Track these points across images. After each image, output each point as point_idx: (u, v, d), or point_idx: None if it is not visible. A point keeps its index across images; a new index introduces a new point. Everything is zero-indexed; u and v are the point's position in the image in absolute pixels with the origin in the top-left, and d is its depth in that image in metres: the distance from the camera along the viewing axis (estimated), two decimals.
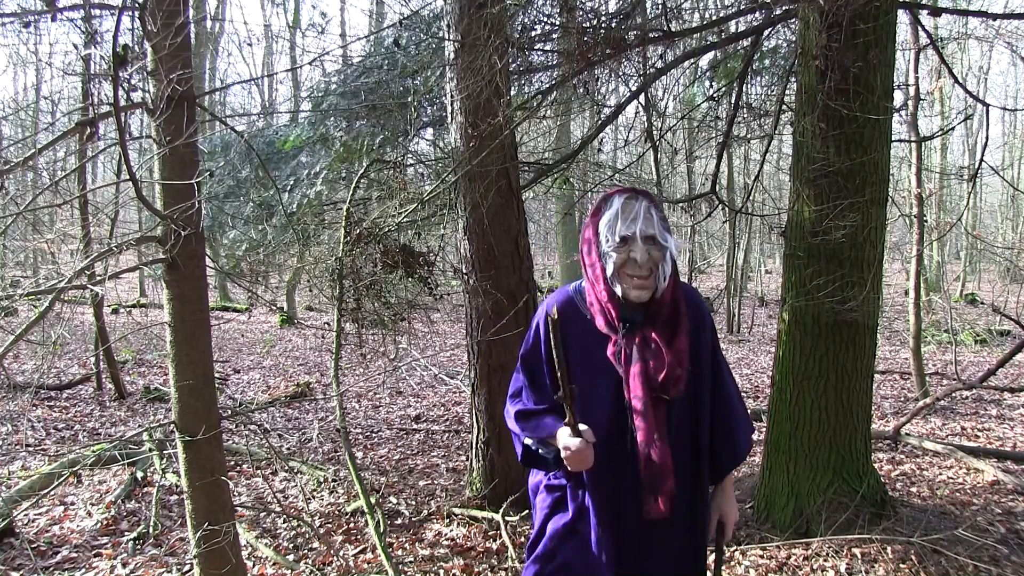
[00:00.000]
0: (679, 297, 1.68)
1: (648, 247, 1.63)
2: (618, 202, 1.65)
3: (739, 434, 1.82)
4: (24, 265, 14.47)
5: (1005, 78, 36.74)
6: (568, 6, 4.13)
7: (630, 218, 1.63)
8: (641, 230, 1.62)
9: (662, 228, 1.65)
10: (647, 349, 1.64)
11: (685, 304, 1.70)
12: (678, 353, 1.64)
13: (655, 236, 1.63)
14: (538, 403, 1.79)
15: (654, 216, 1.64)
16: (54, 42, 23.34)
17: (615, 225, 1.63)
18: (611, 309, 1.67)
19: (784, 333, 3.64)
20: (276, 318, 13.32)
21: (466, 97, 3.50)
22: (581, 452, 1.58)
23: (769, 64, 4.84)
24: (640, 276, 1.63)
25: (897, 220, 7.74)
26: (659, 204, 1.69)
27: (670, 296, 1.67)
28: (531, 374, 1.82)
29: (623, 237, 1.62)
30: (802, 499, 3.52)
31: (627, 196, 1.66)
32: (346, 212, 3.81)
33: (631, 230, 1.62)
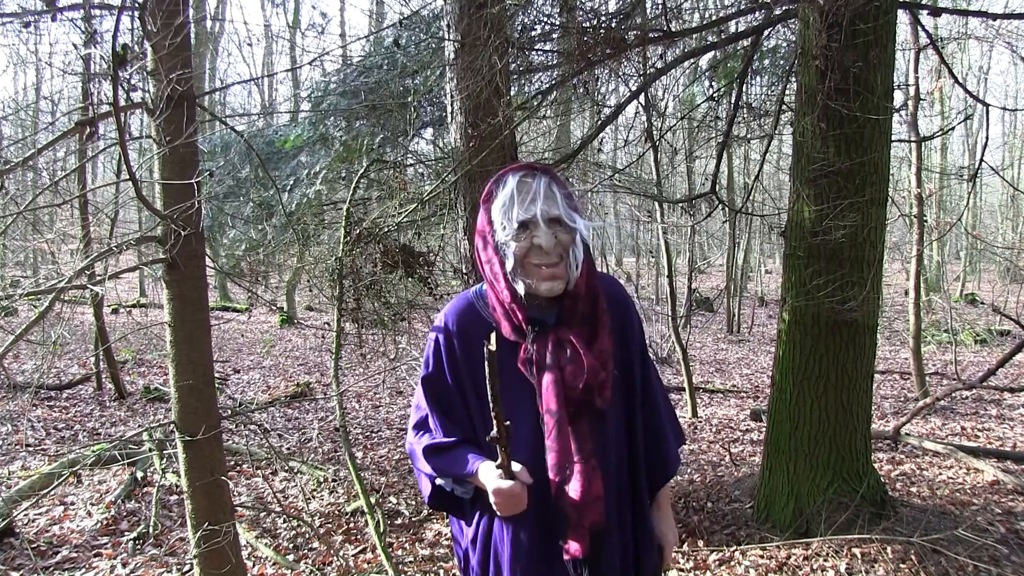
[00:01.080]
0: (597, 289, 1.43)
1: (554, 230, 1.37)
2: (512, 181, 1.38)
3: (670, 446, 1.57)
4: (24, 265, 14.47)
5: (1005, 78, 36.79)
6: (568, 6, 4.13)
7: (528, 198, 1.36)
8: (543, 211, 1.36)
9: (568, 207, 1.39)
10: (562, 353, 1.37)
11: (605, 298, 1.44)
12: (600, 355, 1.37)
13: (560, 217, 1.37)
14: (448, 434, 1.48)
15: (557, 194, 1.39)
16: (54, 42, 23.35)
17: (511, 209, 1.37)
18: (516, 311, 1.39)
19: (784, 333, 3.64)
20: (276, 318, 13.32)
21: (466, 97, 3.50)
22: (515, 496, 1.32)
23: (769, 64, 4.84)
24: (548, 264, 1.37)
25: (897, 220, 7.73)
26: (562, 180, 1.43)
27: (585, 288, 1.40)
28: (437, 401, 1.50)
29: (522, 222, 1.36)
30: (802, 499, 3.52)
31: (523, 174, 1.40)
32: (346, 212, 3.81)
33: (531, 212, 1.35)
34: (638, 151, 6.59)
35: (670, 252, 7.60)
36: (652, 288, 15.61)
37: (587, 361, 1.35)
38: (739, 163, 14.02)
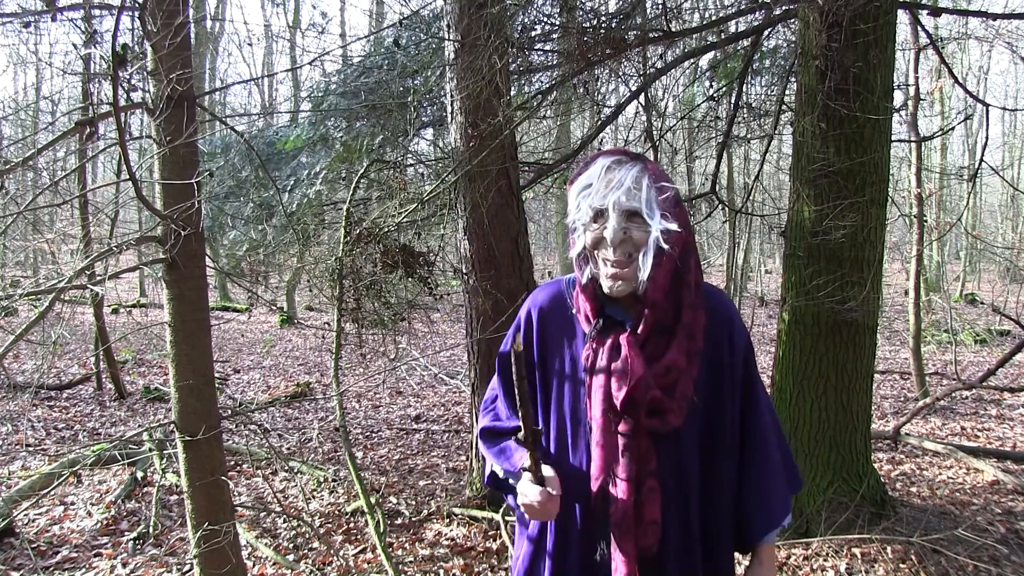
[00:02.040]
0: (684, 301, 1.28)
1: (627, 224, 1.25)
2: (599, 165, 1.28)
3: (777, 493, 1.37)
4: (24, 265, 14.47)
5: (1005, 78, 36.78)
6: (568, 6, 4.13)
7: (611, 186, 1.25)
8: (619, 201, 1.23)
9: (655, 204, 1.25)
10: (615, 358, 1.27)
11: (703, 313, 1.30)
12: (666, 371, 1.26)
13: (639, 211, 1.24)
14: (511, 418, 1.46)
15: (644, 187, 1.25)
16: (54, 42, 23.35)
17: (589, 194, 1.27)
18: (586, 301, 1.33)
19: (784, 333, 3.64)
20: (276, 318, 13.32)
21: (466, 97, 3.50)
22: (542, 505, 1.26)
23: (769, 64, 4.84)
24: (614, 260, 1.26)
25: (897, 220, 7.74)
26: (661, 174, 1.29)
27: (664, 296, 1.27)
28: (507, 381, 1.48)
29: (597, 210, 1.26)
30: (802, 499, 3.52)
31: (615, 159, 1.28)
32: (346, 212, 3.81)
33: (607, 201, 1.24)
34: (638, 151, 6.58)
35: None
36: None
37: (636, 372, 1.24)
38: (739, 163, 14.02)
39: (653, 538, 1.27)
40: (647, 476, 1.27)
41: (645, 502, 1.26)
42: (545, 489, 1.26)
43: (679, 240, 1.26)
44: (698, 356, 1.29)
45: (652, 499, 1.26)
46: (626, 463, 1.26)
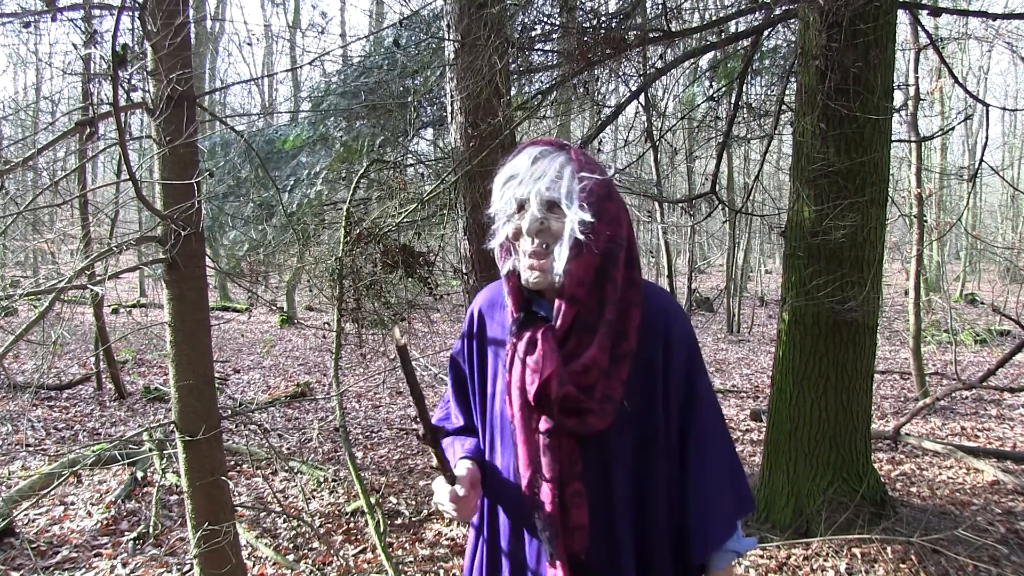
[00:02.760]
0: (608, 297, 1.20)
1: (547, 215, 1.19)
2: (527, 154, 1.23)
3: (711, 509, 1.24)
4: (24, 265, 14.47)
5: (1005, 78, 36.78)
6: (568, 6, 4.13)
7: (534, 176, 1.20)
8: (540, 191, 1.18)
9: (575, 195, 1.19)
10: (531, 352, 1.21)
11: (637, 312, 1.23)
12: (584, 369, 1.18)
13: (558, 201, 1.18)
14: (456, 416, 1.45)
15: (566, 177, 1.19)
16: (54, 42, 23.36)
17: (513, 184, 1.22)
18: (510, 295, 1.27)
19: (784, 333, 3.64)
20: (276, 318, 13.32)
21: (466, 97, 3.50)
22: (452, 502, 1.24)
23: (769, 64, 4.85)
24: (530, 252, 1.21)
25: (897, 220, 7.74)
26: (591, 166, 1.22)
27: (588, 292, 1.20)
28: (455, 380, 1.44)
29: (520, 200, 1.21)
30: (802, 499, 3.52)
31: (541, 149, 1.23)
32: (346, 212, 3.81)
33: (526, 191, 1.19)
34: (638, 151, 6.59)
35: (670, 252, 7.60)
36: None
37: (547, 368, 1.18)
38: (739, 163, 14.02)
39: (581, 543, 1.21)
40: (572, 479, 1.21)
41: (571, 506, 1.21)
42: (452, 489, 1.23)
43: (602, 233, 1.19)
44: (628, 357, 1.21)
45: (578, 503, 1.21)
46: (548, 463, 1.21)
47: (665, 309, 1.27)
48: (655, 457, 1.24)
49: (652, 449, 1.24)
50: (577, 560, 1.21)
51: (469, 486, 1.25)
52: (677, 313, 1.28)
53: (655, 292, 1.30)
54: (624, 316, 1.22)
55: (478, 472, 1.30)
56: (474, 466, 1.30)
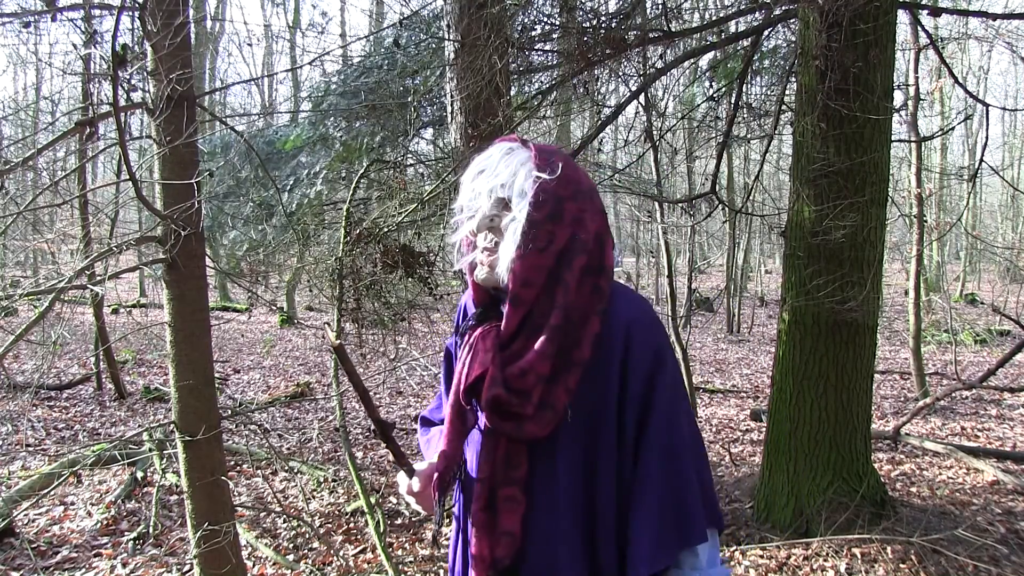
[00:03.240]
0: (556, 302, 1.14)
1: (497, 212, 1.18)
2: (497, 149, 1.21)
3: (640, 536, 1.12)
4: (24, 265, 14.47)
5: (1005, 78, 36.75)
6: (568, 6, 4.13)
7: (488, 170, 1.19)
8: (492, 187, 1.17)
9: (528, 194, 1.15)
10: (471, 349, 1.21)
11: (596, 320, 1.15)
12: (520, 373, 1.13)
13: (509, 200, 1.16)
14: (442, 409, 1.43)
15: (523, 175, 1.16)
16: (54, 42, 23.36)
17: (478, 179, 1.21)
18: (472, 289, 1.27)
19: (784, 333, 3.64)
20: (276, 318, 13.32)
21: (466, 97, 3.50)
22: (411, 495, 1.27)
23: (769, 64, 4.85)
24: (480, 248, 1.21)
25: (897, 220, 7.74)
26: (551, 165, 1.17)
27: (537, 294, 1.15)
28: (446, 373, 1.43)
29: (474, 194, 1.21)
30: (802, 499, 3.52)
31: (509, 146, 1.21)
32: (346, 212, 3.81)
33: (481, 186, 1.19)
34: (638, 151, 6.59)
35: (670, 252, 7.60)
36: (652, 288, 15.61)
37: (476, 366, 1.16)
38: (739, 163, 14.02)
39: (506, 550, 1.16)
40: (508, 483, 1.17)
41: (501, 510, 1.16)
42: (409, 483, 1.26)
43: (556, 234, 1.14)
44: (579, 365, 1.14)
45: (509, 508, 1.16)
46: (478, 462, 1.19)
47: (631, 320, 1.17)
48: (605, 472, 1.16)
49: (601, 463, 1.16)
50: (501, 565, 1.16)
51: (426, 481, 1.25)
52: (646, 324, 1.18)
53: (626, 301, 1.20)
54: (581, 323, 1.15)
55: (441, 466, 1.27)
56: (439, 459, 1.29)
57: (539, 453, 1.17)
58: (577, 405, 1.15)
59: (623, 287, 1.23)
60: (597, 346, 1.15)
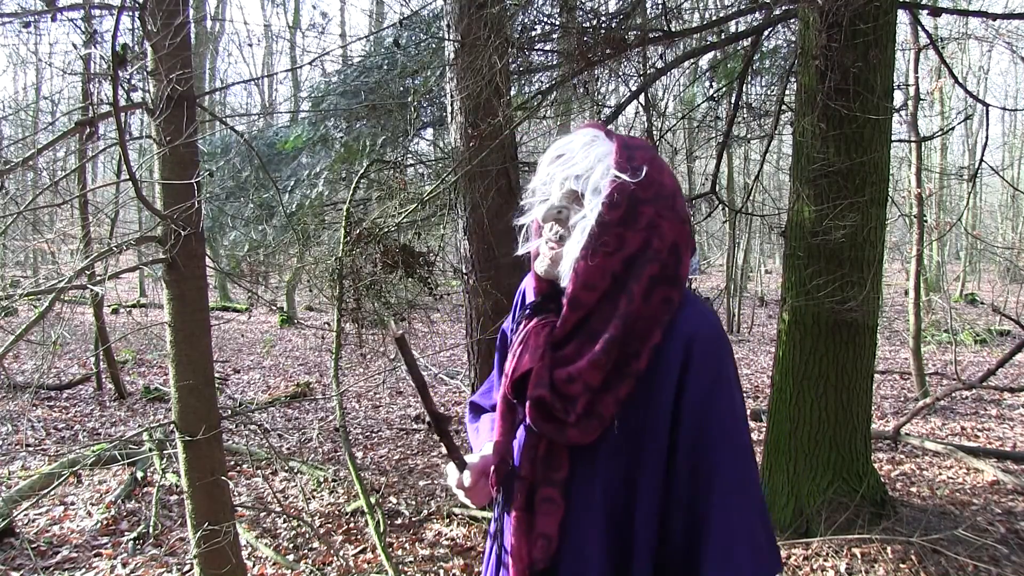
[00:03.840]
0: (619, 310, 1.06)
1: (566, 205, 1.12)
2: (581, 136, 1.13)
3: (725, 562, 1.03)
4: (24, 265, 14.47)
5: (1005, 78, 36.71)
6: (568, 6, 4.13)
7: (566, 157, 1.12)
8: (566, 176, 1.11)
9: (603, 191, 1.07)
10: (522, 341, 1.14)
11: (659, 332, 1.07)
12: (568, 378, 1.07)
13: (581, 194, 1.10)
14: (493, 394, 1.38)
15: (598, 171, 1.09)
16: (54, 42, 23.34)
17: (555, 163, 1.14)
18: (533, 276, 1.22)
19: (784, 333, 3.64)
20: (276, 318, 13.32)
21: (466, 97, 3.50)
22: (467, 492, 1.18)
23: (769, 64, 4.85)
24: (545, 239, 1.15)
25: (897, 220, 7.74)
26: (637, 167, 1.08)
27: (598, 299, 1.08)
28: (501, 357, 1.35)
29: (548, 179, 1.15)
30: (802, 499, 3.52)
31: (594, 135, 1.13)
32: (346, 212, 3.81)
33: (556, 173, 1.12)
34: None
35: None
36: None
37: (524, 364, 1.10)
38: (739, 163, 14.02)
39: (541, 552, 1.11)
40: (547, 483, 1.12)
41: (538, 511, 1.12)
42: (460, 476, 1.17)
43: (628, 239, 1.07)
44: (633, 377, 1.07)
45: (546, 510, 1.11)
46: (519, 459, 1.14)
47: (694, 334, 1.08)
48: (647, 489, 1.09)
49: (643, 480, 1.09)
50: (537, 568, 1.11)
51: (477, 474, 1.17)
52: (709, 340, 1.08)
53: (692, 314, 1.10)
54: (643, 335, 1.07)
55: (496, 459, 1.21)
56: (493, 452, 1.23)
57: (580, 458, 1.12)
58: (625, 416, 1.08)
59: (693, 298, 1.14)
60: (654, 357, 1.07)
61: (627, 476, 1.09)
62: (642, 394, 1.08)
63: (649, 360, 1.07)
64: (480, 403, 1.43)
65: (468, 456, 1.22)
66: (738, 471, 1.06)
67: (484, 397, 1.43)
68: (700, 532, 1.05)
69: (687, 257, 1.12)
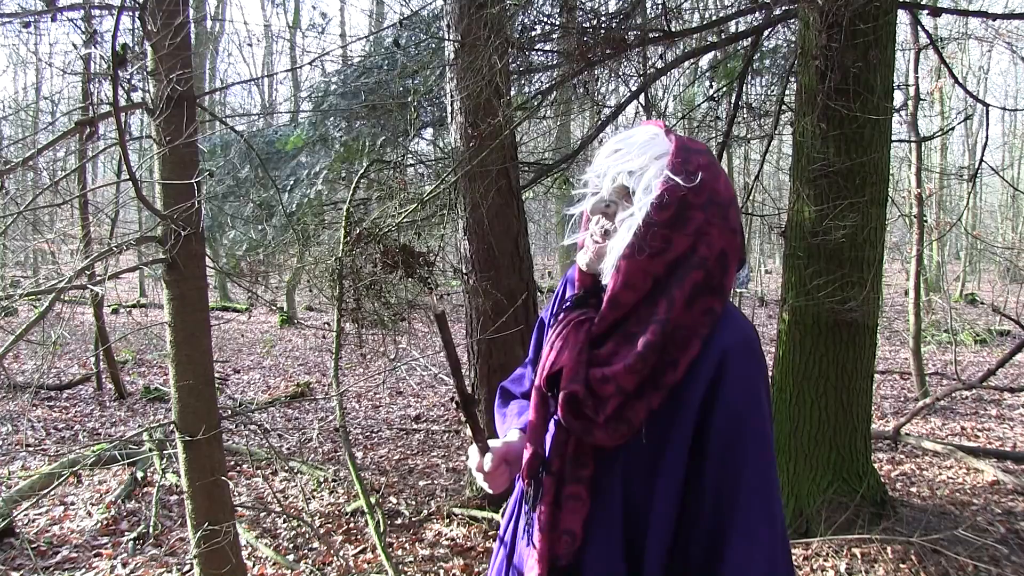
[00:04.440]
0: (658, 315, 1.05)
1: (616, 200, 1.11)
2: (641, 132, 1.13)
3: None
4: (24, 265, 14.46)
5: (1005, 78, 36.66)
6: (568, 6, 4.13)
7: (623, 152, 1.11)
8: (619, 172, 1.10)
9: (653, 191, 1.06)
10: (560, 336, 1.13)
11: (698, 343, 1.05)
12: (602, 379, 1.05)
13: (632, 191, 1.08)
14: (526, 382, 1.38)
15: (652, 170, 1.07)
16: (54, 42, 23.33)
17: (603, 153, 1.14)
18: (578, 269, 1.20)
19: (784, 333, 3.64)
20: (276, 318, 13.32)
21: (466, 97, 3.50)
22: (486, 476, 1.17)
23: (769, 64, 4.85)
24: (590, 232, 1.14)
25: (897, 220, 7.74)
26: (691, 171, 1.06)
27: (638, 300, 1.07)
28: (536, 345, 1.36)
29: (603, 172, 1.13)
30: (802, 499, 3.52)
31: (654, 133, 1.12)
32: (346, 212, 3.81)
33: (610, 167, 1.11)
34: None
35: None
36: None
37: (560, 359, 1.09)
38: (739, 163, 14.01)
39: (565, 548, 1.10)
40: (574, 480, 1.10)
41: (564, 507, 1.10)
42: (480, 460, 1.16)
43: (675, 242, 1.05)
44: (667, 388, 1.05)
45: (572, 507, 1.10)
46: (551, 454, 1.13)
47: (729, 347, 1.05)
48: (662, 499, 1.07)
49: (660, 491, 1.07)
50: (560, 564, 1.10)
51: (499, 460, 1.16)
52: (744, 355, 1.05)
53: (731, 327, 1.08)
54: (682, 345, 1.04)
55: (521, 447, 1.19)
56: (520, 439, 1.21)
57: (604, 458, 1.10)
58: (652, 425, 1.07)
59: (733, 308, 1.12)
60: (689, 371, 1.05)
61: (647, 484, 1.08)
62: (672, 406, 1.06)
63: (684, 373, 1.05)
64: (511, 389, 1.42)
65: (492, 441, 1.21)
66: (763, 499, 1.03)
67: (515, 384, 1.42)
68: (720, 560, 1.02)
69: (733, 268, 1.10)
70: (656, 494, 1.07)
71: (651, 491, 1.07)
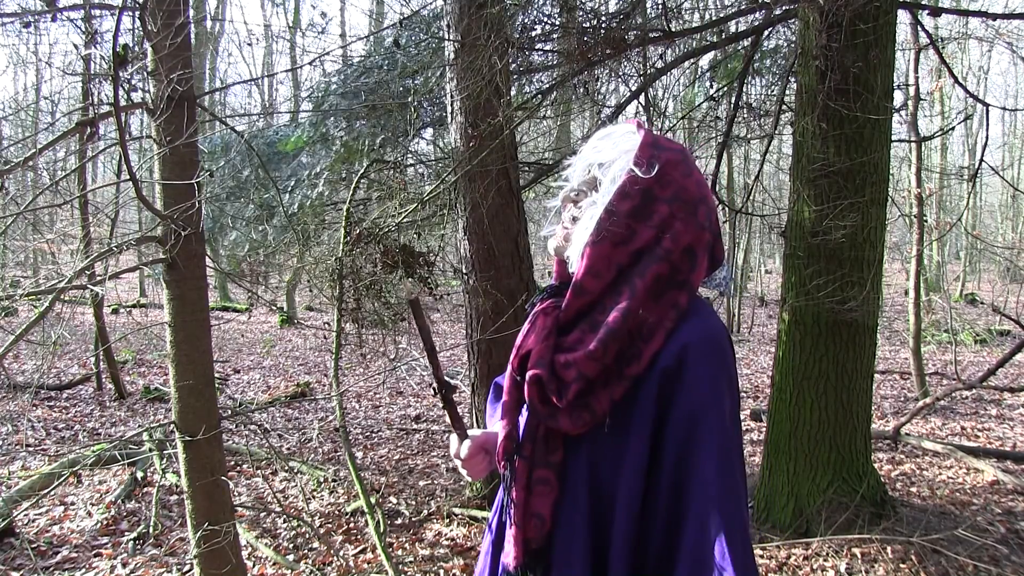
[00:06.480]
0: (619, 303, 1.06)
1: (584, 188, 1.16)
2: (621, 130, 1.19)
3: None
4: (24, 265, 14.47)
5: (1005, 78, 36.71)
6: (568, 6, 4.13)
7: (594, 148, 1.17)
8: (591, 163, 1.16)
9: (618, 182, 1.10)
10: (531, 321, 1.17)
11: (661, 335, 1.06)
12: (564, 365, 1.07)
13: (599, 181, 1.14)
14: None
15: (618, 163, 1.12)
16: (54, 42, 23.34)
17: (587, 147, 1.19)
18: (555, 261, 1.24)
19: (784, 333, 3.64)
20: (276, 318, 13.32)
21: (466, 97, 3.51)
22: (464, 463, 1.24)
23: (769, 64, 4.85)
24: (561, 220, 1.19)
25: (897, 220, 7.75)
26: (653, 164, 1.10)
27: (602, 288, 1.09)
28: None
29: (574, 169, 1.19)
30: (802, 499, 3.52)
31: (631, 128, 1.18)
32: (346, 212, 3.81)
33: (579, 161, 1.19)
34: None
35: None
36: None
37: (527, 344, 1.12)
38: (739, 163, 14.01)
39: (535, 532, 1.12)
40: (543, 465, 1.12)
41: (533, 491, 1.12)
42: (459, 447, 1.23)
43: (639, 232, 1.08)
44: (630, 379, 1.06)
45: (541, 491, 1.12)
46: (524, 438, 1.15)
47: (689, 343, 1.05)
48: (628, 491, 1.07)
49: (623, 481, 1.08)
50: (531, 547, 1.12)
51: (476, 447, 1.23)
52: (704, 352, 1.05)
53: (696, 323, 1.08)
54: (647, 336, 1.06)
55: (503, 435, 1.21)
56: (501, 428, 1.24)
57: (572, 446, 1.13)
58: (616, 415, 1.08)
59: (703, 306, 1.12)
60: (652, 363, 1.06)
61: (614, 472, 1.09)
62: (634, 397, 1.07)
63: (647, 365, 1.06)
64: (502, 383, 1.45)
65: (471, 430, 1.26)
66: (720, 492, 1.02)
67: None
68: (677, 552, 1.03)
69: (703, 265, 1.11)
70: (621, 482, 1.08)
71: (616, 479, 1.09)
